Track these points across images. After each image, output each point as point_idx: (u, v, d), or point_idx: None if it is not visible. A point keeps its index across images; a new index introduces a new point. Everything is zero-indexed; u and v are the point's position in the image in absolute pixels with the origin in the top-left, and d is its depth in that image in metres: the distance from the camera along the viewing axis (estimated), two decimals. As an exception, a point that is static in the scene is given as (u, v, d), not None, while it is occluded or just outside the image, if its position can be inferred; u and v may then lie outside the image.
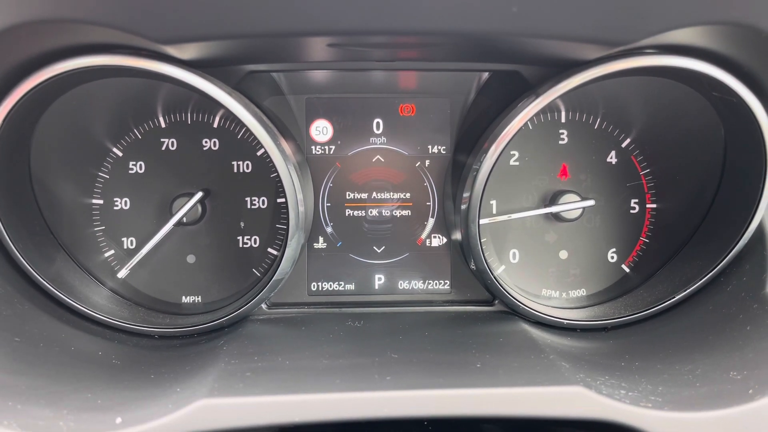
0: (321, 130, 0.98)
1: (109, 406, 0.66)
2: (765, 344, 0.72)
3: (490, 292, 0.93)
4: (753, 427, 0.62)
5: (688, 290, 0.87)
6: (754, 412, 0.62)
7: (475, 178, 0.84)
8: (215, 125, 0.94)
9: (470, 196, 0.84)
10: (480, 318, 0.94)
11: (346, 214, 1.00)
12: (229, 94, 0.79)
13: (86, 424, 0.62)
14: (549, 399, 0.63)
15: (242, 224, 0.95)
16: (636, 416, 0.62)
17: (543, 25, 0.66)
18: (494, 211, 0.97)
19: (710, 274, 0.86)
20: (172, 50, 0.71)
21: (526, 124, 0.93)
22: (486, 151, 0.83)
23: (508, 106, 0.86)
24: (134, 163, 0.93)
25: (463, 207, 0.86)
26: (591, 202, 0.94)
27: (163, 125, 0.93)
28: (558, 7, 0.65)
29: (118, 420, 0.62)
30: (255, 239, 0.96)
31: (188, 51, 0.72)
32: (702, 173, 0.91)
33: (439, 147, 0.99)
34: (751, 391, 0.64)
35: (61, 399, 0.67)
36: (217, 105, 0.79)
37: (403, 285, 1.01)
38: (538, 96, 0.79)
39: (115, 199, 0.93)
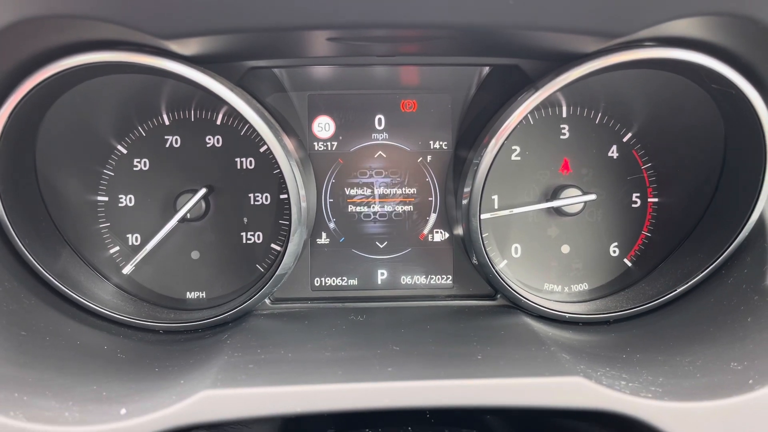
0: (323, 126, 0.99)
1: (114, 398, 0.67)
2: (765, 335, 0.72)
3: (492, 286, 0.93)
4: (753, 416, 0.62)
5: (689, 283, 0.87)
6: (754, 402, 0.62)
7: (475, 172, 0.84)
8: (218, 122, 0.95)
9: (471, 191, 0.85)
10: (482, 312, 0.94)
11: (349, 209, 1.00)
12: (231, 90, 0.79)
13: (91, 415, 0.63)
14: (549, 389, 0.63)
15: (245, 220, 0.96)
16: (636, 406, 0.62)
17: (540, 17, 0.67)
18: (496, 206, 0.97)
19: (711, 266, 0.86)
20: (174, 46, 0.72)
21: (527, 118, 0.94)
22: (486, 146, 0.83)
23: (509, 100, 0.86)
24: (138, 160, 0.94)
25: (464, 202, 0.87)
26: (592, 197, 0.94)
27: (166, 122, 0.94)
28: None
29: (123, 411, 0.62)
30: (258, 235, 0.97)
31: (190, 47, 0.72)
32: (703, 166, 0.91)
33: (441, 142, 0.99)
34: (751, 382, 0.64)
35: (67, 391, 0.68)
36: (219, 102, 0.80)
37: (405, 280, 1.01)
38: (537, 89, 0.80)
39: (119, 196, 0.94)
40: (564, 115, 0.96)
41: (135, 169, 0.94)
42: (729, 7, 0.65)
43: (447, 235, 1.01)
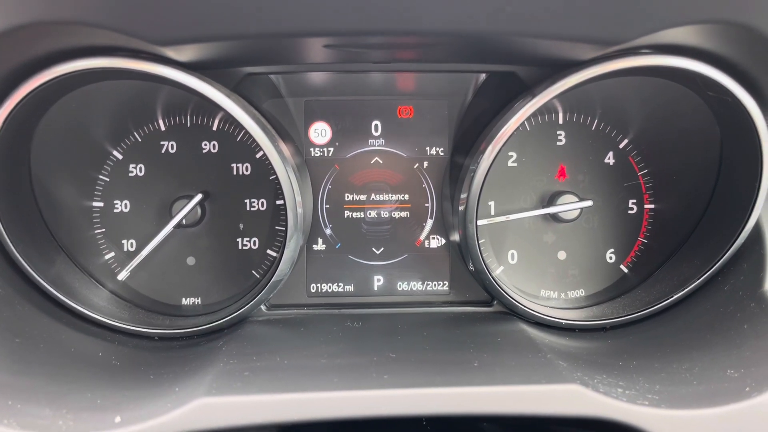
0: (319, 132, 0.99)
1: (109, 405, 0.66)
2: (762, 342, 0.72)
3: (489, 292, 0.93)
4: (750, 424, 0.62)
5: (686, 290, 0.87)
6: (751, 410, 0.62)
7: (472, 179, 0.84)
8: (214, 128, 0.94)
9: (467, 197, 0.85)
10: (479, 318, 0.94)
11: (345, 215, 1.00)
12: (228, 96, 0.79)
13: (85, 423, 0.63)
14: (545, 397, 0.63)
15: (241, 226, 0.96)
16: (633, 414, 0.62)
17: (537, 24, 0.67)
18: (492, 212, 0.97)
19: (707, 273, 0.86)
20: (170, 52, 0.72)
21: (523, 125, 0.94)
22: (483, 152, 0.83)
23: (505, 107, 0.86)
24: (134, 165, 0.94)
25: (461, 208, 0.86)
26: (589, 203, 0.94)
27: (162, 128, 0.94)
28: (552, 7, 0.65)
29: (117, 419, 0.62)
30: (254, 241, 0.97)
31: (186, 53, 0.72)
32: (699, 173, 0.91)
33: (437, 149, 0.99)
34: (748, 389, 0.64)
35: (61, 399, 0.67)
36: (216, 108, 0.80)
37: (402, 286, 1.01)
38: (534, 96, 0.80)
39: (115, 202, 0.94)
40: (560, 121, 0.96)
41: (131, 174, 0.94)
42: (724, 16, 0.65)
43: (443, 241, 1.01)
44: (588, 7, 0.65)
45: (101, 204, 0.94)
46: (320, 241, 1.00)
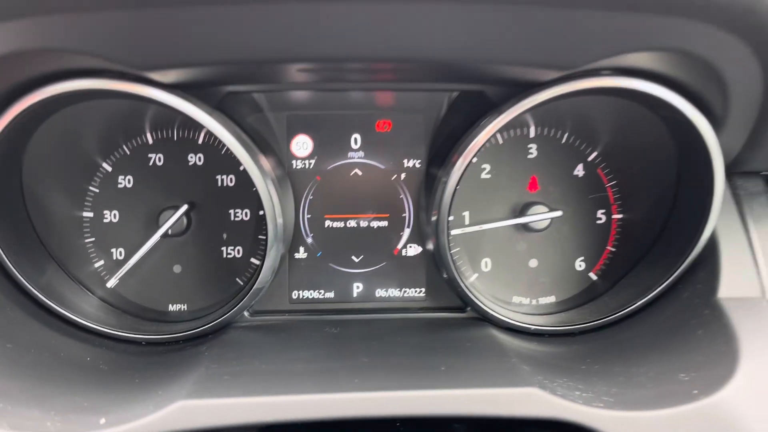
0: (301, 145, 1.03)
1: (95, 408, 0.70)
2: (713, 348, 0.76)
3: (462, 299, 0.97)
4: (694, 425, 0.66)
5: (648, 297, 0.91)
6: (696, 411, 0.66)
7: (443, 190, 0.88)
8: (200, 141, 0.98)
9: (439, 208, 0.88)
10: (452, 324, 0.98)
11: (326, 225, 1.04)
12: (210, 114, 0.83)
13: (72, 424, 0.66)
14: (504, 399, 0.67)
15: (225, 236, 1.00)
16: (586, 415, 0.66)
17: (499, 52, 0.71)
18: (467, 222, 1.01)
19: (667, 282, 0.90)
20: (154, 75, 0.76)
21: (496, 138, 0.99)
22: (454, 164, 0.87)
23: (475, 122, 0.90)
24: (123, 177, 0.98)
25: (434, 218, 0.90)
26: (558, 213, 0.98)
27: (150, 142, 0.98)
28: (512, 36, 0.69)
29: (102, 421, 0.66)
30: (238, 250, 1.00)
31: (169, 76, 0.76)
32: (660, 186, 0.95)
33: (414, 161, 1.03)
34: (696, 392, 0.68)
35: (50, 401, 0.71)
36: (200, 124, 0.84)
37: (380, 293, 1.05)
38: (500, 114, 0.84)
39: (104, 212, 0.98)
40: (531, 135, 1.00)
41: (119, 186, 0.98)
42: (665, 44, 0.69)
43: (420, 249, 1.05)
44: (543, 36, 0.69)
45: (91, 214, 0.98)
46: (302, 249, 1.04)
